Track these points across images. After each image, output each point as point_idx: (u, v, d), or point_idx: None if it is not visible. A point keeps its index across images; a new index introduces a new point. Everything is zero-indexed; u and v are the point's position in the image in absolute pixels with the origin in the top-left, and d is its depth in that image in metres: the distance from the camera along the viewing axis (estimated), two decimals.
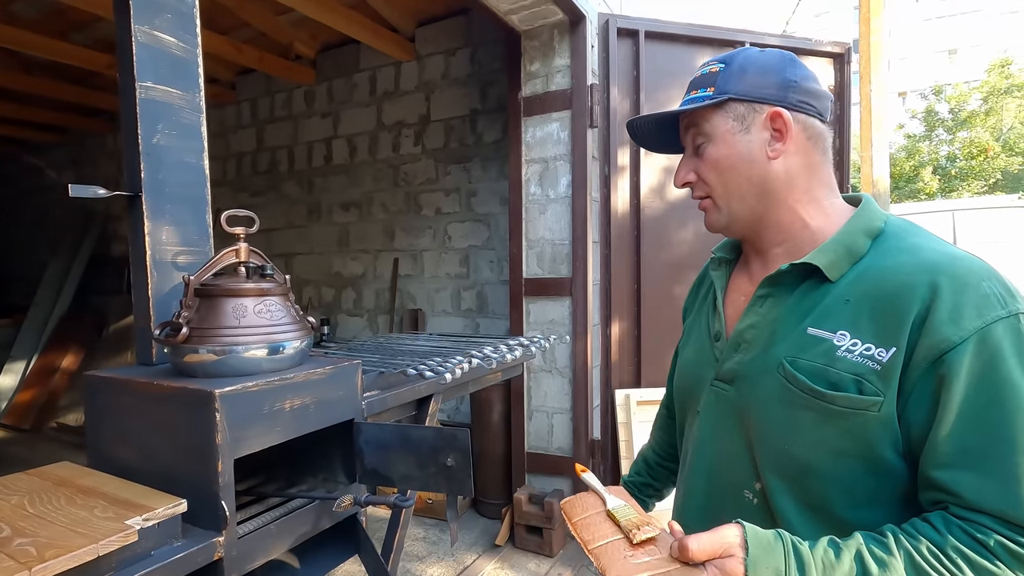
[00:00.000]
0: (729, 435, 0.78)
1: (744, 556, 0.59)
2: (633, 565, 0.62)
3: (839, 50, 2.93)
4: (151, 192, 1.21)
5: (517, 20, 2.62)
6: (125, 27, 1.18)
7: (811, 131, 0.76)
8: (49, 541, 0.78)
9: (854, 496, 0.66)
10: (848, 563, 0.59)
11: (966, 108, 14.79)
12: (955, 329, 0.60)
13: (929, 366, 0.61)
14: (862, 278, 0.68)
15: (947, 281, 0.62)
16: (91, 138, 5.77)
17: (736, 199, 0.78)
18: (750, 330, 0.77)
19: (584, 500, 0.76)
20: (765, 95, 0.75)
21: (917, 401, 0.62)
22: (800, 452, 0.68)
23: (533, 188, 2.74)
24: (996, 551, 0.56)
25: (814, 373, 0.67)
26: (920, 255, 0.66)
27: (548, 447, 2.78)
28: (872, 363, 0.64)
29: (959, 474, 0.59)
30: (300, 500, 1.19)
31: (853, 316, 0.67)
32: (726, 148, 0.77)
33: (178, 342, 1.03)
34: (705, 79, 0.79)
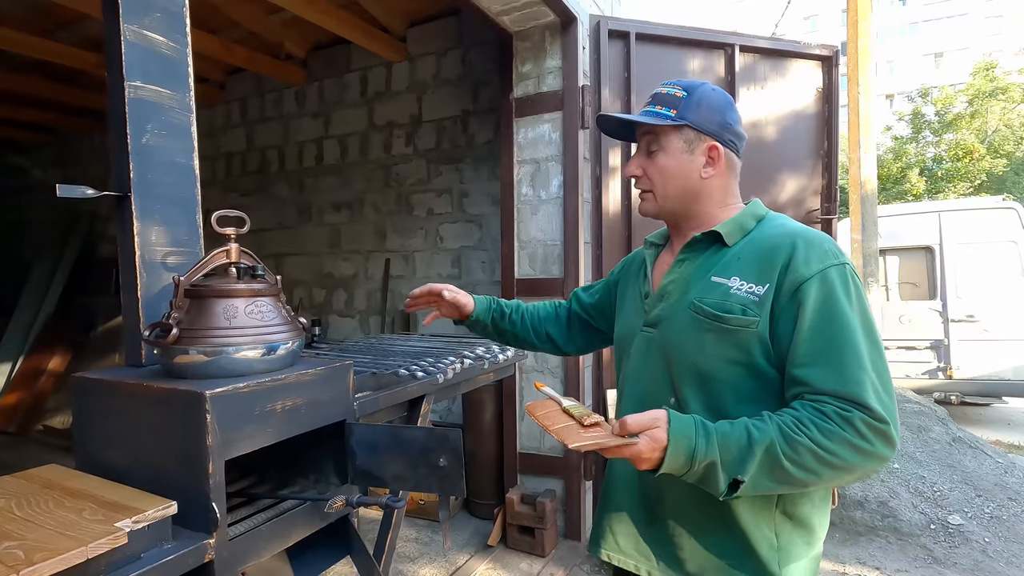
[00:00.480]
0: (653, 365, 1.03)
1: (667, 428, 0.83)
2: (584, 436, 0.84)
3: (827, 53, 2.96)
4: (140, 192, 1.20)
5: (509, 21, 2.63)
6: (114, 26, 1.17)
7: (731, 162, 1.04)
8: (37, 544, 0.77)
9: (740, 395, 0.93)
10: (739, 431, 0.84)
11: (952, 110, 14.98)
12: (806, 269, 0.88)
13: (791, 295, 0.88)
14: (749, 243, 0.98)
15: (802, 241, 0.91)
16: (77, 138, 5.71)
17: (670, 199, 1.05)
18: (671, 284, 1.04)
19: (545, 404, 0.97)
20: (711, 130, 1.01)
21: (783, 320, 0.89)
22: (703, 363, 0.95)
23: (525, 189, 2.75)
24: (831, 416, 0.82)
25: (715, 306, 0.94)
26: (787, 227, 0.97)
27: (540, 447, 2.79)
28: (753, 296, 0.91)
29: (809, 369, 0.85)
30: (291, 501, 1.18)
31: (742, 267, 0.95)
32: (673, 162, 1.02)
33: (168, 343, 1.02)
34: (669, 99, 1.02)
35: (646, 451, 0.82)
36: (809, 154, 2.97)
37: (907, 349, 5.63)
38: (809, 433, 0.81)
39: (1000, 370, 5.33)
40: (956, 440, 3.65)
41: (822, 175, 2.97)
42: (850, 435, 0.81)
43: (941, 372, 5.53)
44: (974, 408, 6.12)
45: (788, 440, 0.82)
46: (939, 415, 3.95)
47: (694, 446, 0.82)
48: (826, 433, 0.81)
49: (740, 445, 0.83)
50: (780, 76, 2.90)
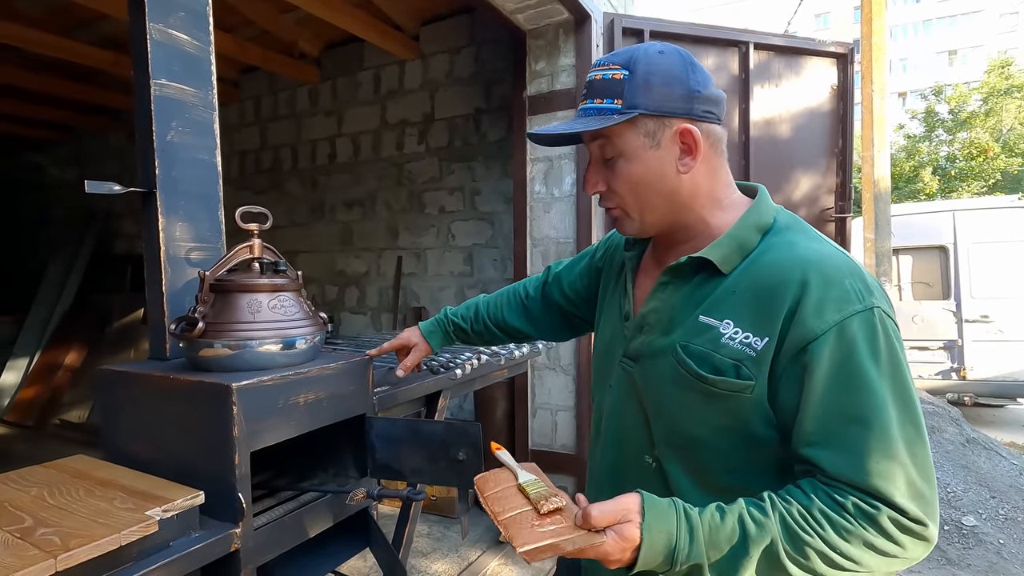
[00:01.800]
0: (632, 408, 0.85)
1: (641, 521, 0.66)
2: (539, 533, 0.66)
3: (842, 50, 2.94)
4: (165, 189, 1.22)
5: (523, 19, 2.63)
6: (140, 25, 1.19)
7: (713, 137, 0.80)
8: (72, 531, 0.79)
9: (731, 464, 0.75)
10: (731, 525, 0.67)
11: (966, 109, 14.80)
12: (818, 322, 0.67)
13: (795, 354, 0.68)
14: (748, 272, 0.75)
15: (815, 277, 0.69)
16: (94, 136, 5.77)
17: (648, 211, 0.82)
18: (652, 314, 0.84)
19: (497, 476, 0.79)
20: (674, 109, 0.76)
21: (786, 385, 0.70)
22: (687, 427, 0.77)
23: (538, 187, 2.76)
24: (852, 511, 0.65)
25: (701, 358, 0.74)
26: (795, 251, 0.73)
27: (552, 444, 2.80)
28: (749, 350, 0.71)
29: (820, 451, 0.67)
30: (312, 494, 1.20)
31: (737, 306, 0.74)
32: (639, 164, 0.78)
33: (194, 337, 1.04)
34: (609, 86, 0.77)
35: (614, 552, 0.65)
36: (823, 152, 2.96)
37: (920, 350, 5.58)
38: (822, 532, 0.65)
39: (1015, 371, 5.28)
40: (970, 441, 3.63)
41: (836, 173, 2.96)
42: (874, 537, 0.64)
43: (955, 373, 5.48)
44: (988, 409, 6.06)
45: (794, 539, 0.65)
46: (953, 416, 3.92)
47: (675, 545, 0.66)
48: (844, 532, 0.65)
49: (733, 543, 0.66)
50: (795, 74, 2.89)
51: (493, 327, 1.24)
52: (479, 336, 1.26)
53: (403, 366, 1.26)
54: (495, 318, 1.24)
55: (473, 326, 1.25)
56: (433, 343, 1.27)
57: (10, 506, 0.87)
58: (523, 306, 1.22)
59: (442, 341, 1.28)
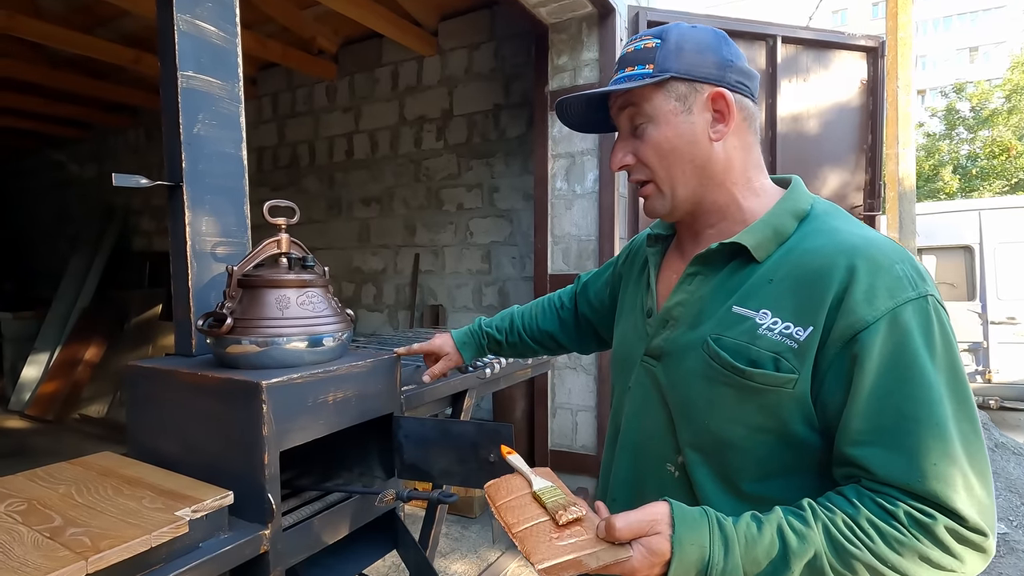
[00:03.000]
0: (654, 410, 0.79)
1: (671, 533, 0.60)
2: (558, 547, 0.60)
3: (872, 44, 2.87)
4: (192, 182, 1.20)
5: (545, 13, 2.59)
6: (167, 16, 1.17)
7: (746, 111, 0.76)
8: (102, 531, 0.77)
9: (766, 468, 0.69)
10: (769, 536, 0.60)
11: (988, 106, 14.51)
12: (869, 309, 0.62)
13: (844, 345, 0.63)
14: (786, 259, 0.70)
15: (863, 263, 0.63)
16: (113, 133, 5.82)
17: (680, 183, 0.76)
18: (678, 307, 0.78)
19: (510, 482, 0.73)
20: (707, 74, 0.73)
21: (832, 379, 0.64)
22: (719, 427, 0.70)
23: (559, 183, 2.72)
24: (904, 520, 0.59)
25: (736, 351, 0.69)
26: (839, 237, 0.68)
27: (572, 445, 2.76)
28: (790, 341, 0.65)
29: (869, 450, 0.61)
30: (338, 495, 1.17)
31: (775, 296, 0.68)
32: (669, 130, 0.74)
33: (222, 333, 1.02)
34: (641, 55, 0.75)
35: (642, 568, 0.59)
36: (852, 148, 2.89)
37: None
38: (871, 543, 0.59)
39: None
40: (999, 446, 3.54)
41: (865, 170, 2.89)
42: (929, 549, 0.58)
43: (980, 376, 5.36)
44: (1014, 413, 5.92)
45: (840, 552, 0.59)
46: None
47: (708, 559, 0.59)
48: (895, 544, 0.58)
49: (772, 557, 0.60)
50: (823, 68, 2.83)
51: (528, 338, 1.20)
52: (512, 348, 1.22)
53: (431, 372, 1.22)
54: (530, 328, 1.20)
55: (508, 337, 1.21)
56: (465, 355, 1.22)
57: (39, 504, 0.85)
58: (558, 316, 1.19)
59: (475, 353, 1.24)
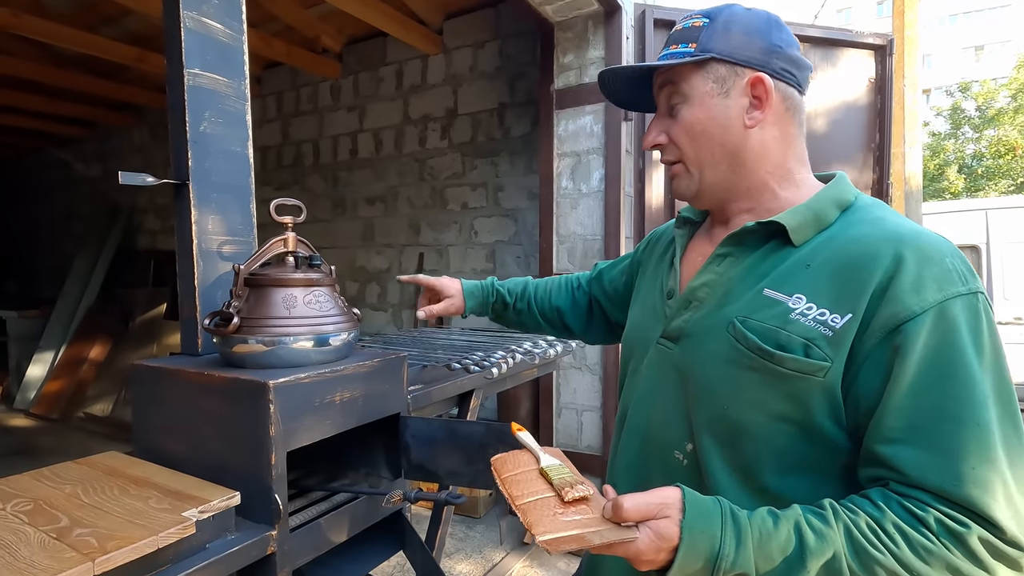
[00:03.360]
0: (667, 394, 0.76)
1: (680, 518, 0.58)
2: (562, 522, 0.58)
3: (881, 42, 2.85)
4: (198, 180, 1.20)
5: (551, 11, 2.58)
6: (174, 13, 1.16)
7: (790, 101, 0.73)
8: (108, 532, 0.76)
9: (784, 462, 0.65)
10: (786, 532, 0.58)
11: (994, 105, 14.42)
12: (916, 299, 0.59)
13: (886, 335, 0.59)
14: (826, 245, 0.67)
15: (911, 253, 0.61)
16: (118, 132, 5.83)
17: (708, 166, 0.75)
18: (703, 288, 0.75)
19: (517, 457, 0.72)
20: (749, 58, 0.71)
21: (869, 371, 0.61)
22: (738, 413, 0.67)
23: (565, 182, 2.70)
24: (934, 528, 0.56)
25: (764, 334, 0.66)
26: (885, 226, 0.65)
27: (577, 445, 2.75)
28: (824, 328, 0.62)
29: (903, 449, 0.58)
30: (344, 495, 1.16)
31: (812, 281, 0.65)
32: (703, 111, 0.73)
33: (229, 332, 1.01)
34: (687, 33, 0.74)
35: (648, 551, 0.57)
36: (860, 147, 2.87)
37: None
38: (895, 549, 0.55)
39: None
40: None
41: (873, 169, 2.87)
42: (960, 561, 0.55)
43: None
44: None
45: (861, 555, 0.56)
46: None
47: (718, 549, 0.57)
48: (922, 552, 0.55)
49: (787, 554, 0.57)
50: (830, 66, 2.81)
51: (536, 309, 1.18)
52: (518, 315, 1.19)
53: (428, 309, 1.16)
54: (541, 301, 1.18)
55: (517, 302, 1.18)
56: (469, 303, 1.18)
57: (46, 504, 0.85)
58: (572, 296, 1.17)
59: (477, 307, 1.19)
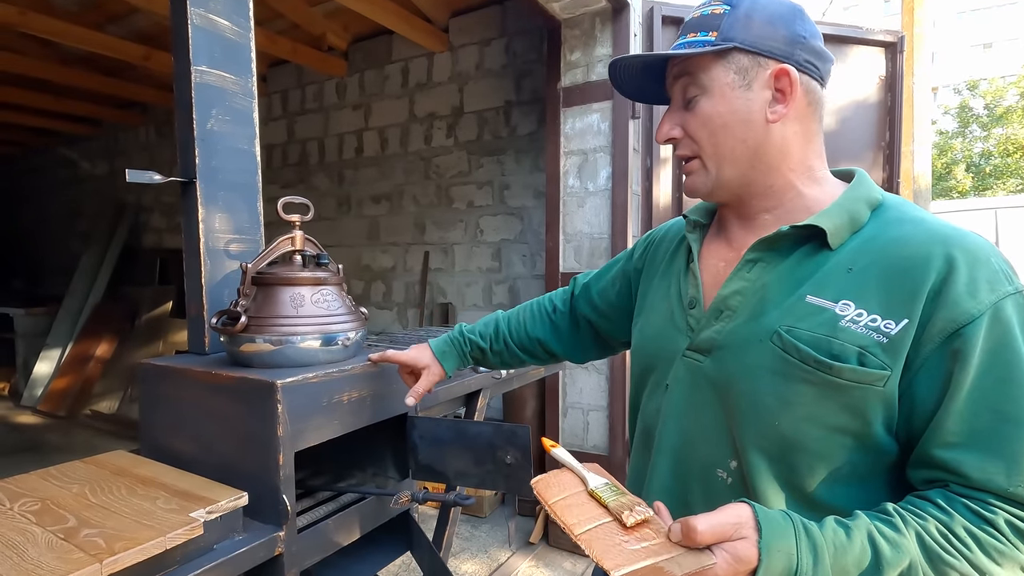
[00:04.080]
0: (703, 410, 0.73)
1: (757, 538, 0.54)
2: (631, 552, 0.54)
3: (891, 39, 2.82)
4: (205, 178, 1.19)
5: (558, 8, 2.56)
6: (181, 10, 1.16)
7: (812, 96, 0.71)
8: (116, 533, 0.76)
9: (837, 473, 0.64)
10: (860, 544, 0.56)
11: (1002, 104, 14.31)
12: (973, 303, 0.58)
13: (945, 340, 0.58)
14: (867, 247, 0.65)
15: (961, 254, 0.59)
16: (124, 130, 5.84)
17: (728, 162, 0.71)
18: (735, 296, 0.71)
19: (560, 479, 0.68)
20: (772, 49, 0.68)
21: (927, 376, 0.59)
22: (791, 428, 0.64)
23: (571, 180, 2.69)
24: (1004, 529, 0.55)
25: (815, 343, 0.63)
26: (928, 227, 0.63)
27: (583, 445, 2.74)
28: (878, 335, 0.60)
29: (965, 454, 0.57)
30: (351, 496, 1.16)
31: (857, 285, 0.63)
32: (723, 104, 0.70)
33: (236, 331, 1.01)
34: (706, 21, 0.70)
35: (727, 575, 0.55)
36: (869, 145, 2.84)
37: None
38: (969, 554, 0.55)
39: None
40: None
41: (883, 168, 2.84)
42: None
43: None
44: None
45: (935, 562, 0.55)
46: None
47: (796, 567, 0.54)
48: (995, 554, 0.55)
49: (863, 566, 0.55)
50: (840, 62, 2.78)
51: (515, 346, 1.08)
52: (498, 356, 1.10)
53: (414, 392, 1.04)
54: (518, 335, 1.09)
55: (493, 345, 1.08)
56: (447, 366, 1.07)
57: (53, 504, 0.84)
58: (550, 321, 1.08)
59: (456, 363, 1.09)
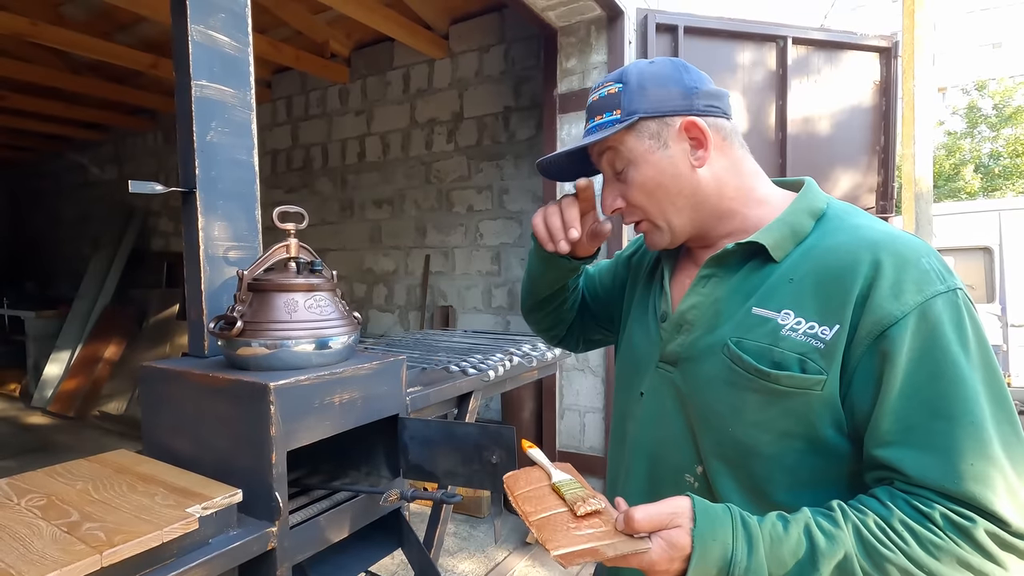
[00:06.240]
0: (671, 418, 0.77)
1: (691, 527, 0.59)
2: (576, 536, 0.60)
3: (885, 44, 2.84)
4: (204, 188, 1.24)
5: (554, 16, 2.61)
6: (182, 27, 1.21)
7: (723, 131, 0.76)
8: (116, 527, 0.80)
9: (796, 477, 0.67)
10: (796, 536, 0.59)
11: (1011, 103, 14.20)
12: (897, 304, 0.60)
13: (872, 342, 0.61)
14: (806, 257, 0.69)
15: (888, 258, 0.62)
16: (132, 136, 5.94)
17: (673, 215, 0.77)
18: (692, 310, 0.77)
19: (529, 474, 0.73)
20: (674, 107, 0.74)
21: (861, 379, 0.62)
22: (744, 434, 0.68)
23: (568, 186, 2.73)
24: (940, 523, 0.57)
25: (759, 353, 0.67)
26: (861, 233, 0.67)
27: (580, 446, 2.77)
28: (815, 341, 0.64)
29: (901, 451, 0.60)
30: (345, 493, 1.20)
31: (797, 295, 0.67)
32: (649, 168, 0.75)
33: (232, 336, 1.05)
34: (606, 102, 0.76)
35: (661, 561, 0.58)
36: (864, 150, 2.86)
37: None
38: (905, 547, 0.57)
39: None
40: None
41: (878, 171, 2.86)
42: (969, 554, 0.56)
43: None
44: None
45: (872, 554, 0.57)
46: None
47: (731, 556, 0.58)
48: (932, 548, 0.57)
49: (799, 557, 0.58)
50: (835, 68, 2.80)
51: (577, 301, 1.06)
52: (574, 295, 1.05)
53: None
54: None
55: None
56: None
57: (58, 500, 0.89)
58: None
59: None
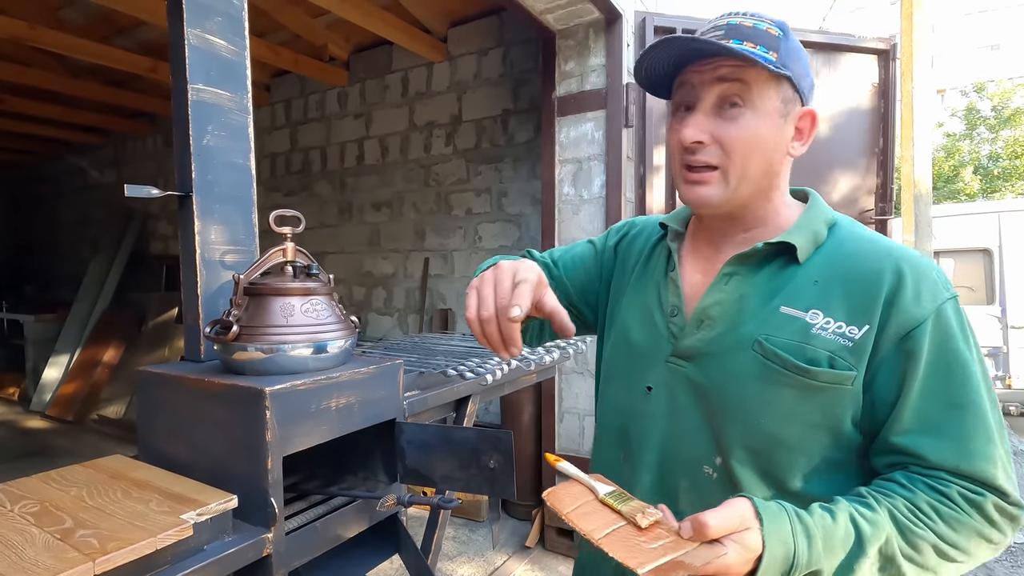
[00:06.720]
0: (687, 412, 0.79)
1: (761, 527, 0.60)
2: (651, 550, 0.58)
3: (884, 46, 2.84)
4: (201, 192, 1.23)
5: (552, 19, 2.61)
6: (178, 30, 1.20)
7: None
8: (110, 533, 0.80)
9: (813, 466, 0.71)
10: (844, 525, 0.63)
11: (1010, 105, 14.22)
12: (919, 309, 0.67)
13: (898, 342, 0.67)
14: (828, 262, 0.73)
15: (907, 267, 0.69)
16: (132, 139, 5.94)
17: (748, 181, 0.74)
18: (715, 307, 0.77)
19: (570, 490, 0.72)
20: (804, 89, 0.74)
21: (885, 374, 0.68)
22: (774, 426, 0.71)
23: (566, 188, 2.73)
24: (958, 500, 0.65)
25: (793, 351, 0.70)
26: (879, 243, 0.73)
27: (579, 449, 2.76)
28: (844, 340, 0.69)
29: (921, 439, 0.66)
30: (342, 498, 1.19)
31: (823, 296, 0.71)
32: (765, 127, 0.72)
33: (228, 340, 1.05)
34: (762, 36, 0.69)
35: (737, 564, 0.58)
36: (863, 152, 2.86)
37: None
38: (933, 525, 0.64)
39: None
40: (1018, 453, 3.47)
41: (877, 173, 2.86)
42: (982, 525, 0.65)
43: (1000, 381, 5.26)
44: None
45: (907, 534, 0.64)
46: None
47: (794, 552, 0.60)
48: (953, 524, 0.64)
49: (848, 545, 0.62)
50: (832, 70, 2.80)
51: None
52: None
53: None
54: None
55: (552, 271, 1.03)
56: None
57: (51, 506, 0.89)
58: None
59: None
